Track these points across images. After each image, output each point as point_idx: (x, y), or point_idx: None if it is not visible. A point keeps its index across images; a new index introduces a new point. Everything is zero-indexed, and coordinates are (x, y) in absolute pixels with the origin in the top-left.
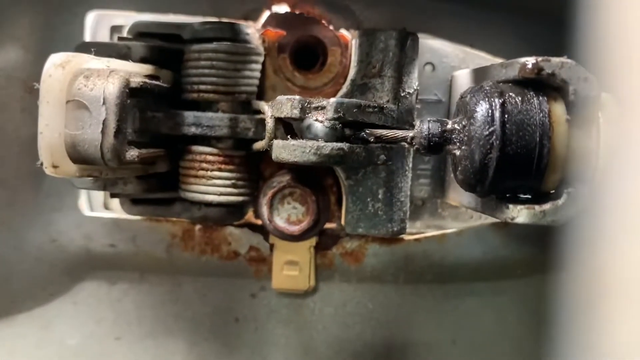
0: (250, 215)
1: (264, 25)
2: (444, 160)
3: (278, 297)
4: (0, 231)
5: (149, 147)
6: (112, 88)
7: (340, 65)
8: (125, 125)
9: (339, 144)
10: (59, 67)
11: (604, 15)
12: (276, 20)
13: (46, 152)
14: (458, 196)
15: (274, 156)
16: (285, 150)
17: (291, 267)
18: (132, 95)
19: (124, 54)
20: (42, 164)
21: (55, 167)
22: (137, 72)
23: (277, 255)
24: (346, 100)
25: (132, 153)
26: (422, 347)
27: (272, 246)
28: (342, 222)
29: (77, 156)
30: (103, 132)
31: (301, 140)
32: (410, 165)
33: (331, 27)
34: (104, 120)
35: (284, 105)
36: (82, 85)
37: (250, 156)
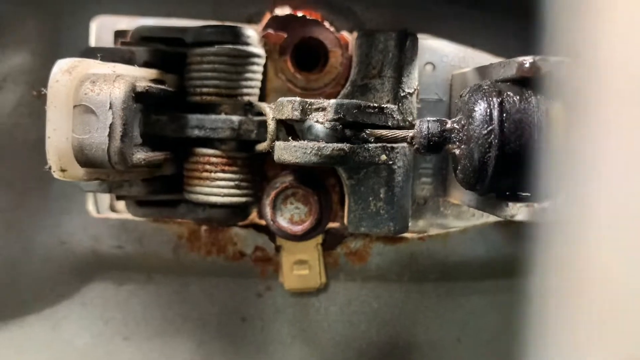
0: (254, 216)
1: (265, 28)
2: (446, 159)
3: (284, 297)
4: (9, 234)
5: (155, 150)
6: (118, 93)
7: (341, 67)
8: (131, 129)
9: (340, 145)
10: (65, 72)
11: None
12: (277, 22)
13: (54, 156)
14: (459, 194)
15: (275, 157)
16: (287, 151)
17: (301, 266)
18: (137, 99)
19: (127, 59)
20: (50, 168)
21: (63, 170)
22: (142, 76)
23: (286, 256)
24: (346, 101)
25: (139, 156)
26: (426, 345)
27: (279, 247)
28: (345, 221)
29: (85, 160)
30: (110, 136)
31: (302, 142)
32: (412, 164)
33: (332, 29)
34: (111, 125)
35: (285, 107)
36: (89, 90)
37: (254, 158)
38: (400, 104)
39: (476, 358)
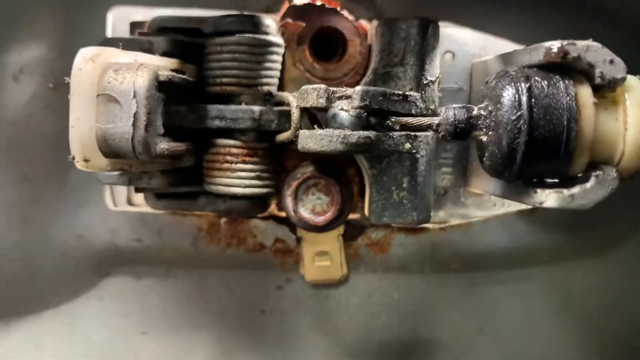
0: (273, 208)
1: (283, 17)
2: (466, 148)
3: (304, 289)
4: (26, 227)
5: (176, 141)
6: (142, 81)
7: (360, 56)
8: (155, 118)
9: (366, 132)
10: (89, 60)
11: None
12: (295, 11)
13: (77, 146)
14: (482, 184)
15: (300, 146)
16: (312, 139)
17: (322, 257)
18: (160, 89)
19: (146, 49)
20: (73, 158)
21: (86, 160)
22: (164, 65)
23: (307, 247)
24: (372, 88)
25: (162, 146)
26: (448, 336)
27: (300, 239)
28: (366, 212)
29: (108, 150)
30: (134, 125)
31: (328, 130)
32: (434, 153)
33: (350, 18)
34: (135, 114)
35: (310, 94)
36: (112, 79)
37: (273, 148)
38: (422, 92)
39: (498, 348)
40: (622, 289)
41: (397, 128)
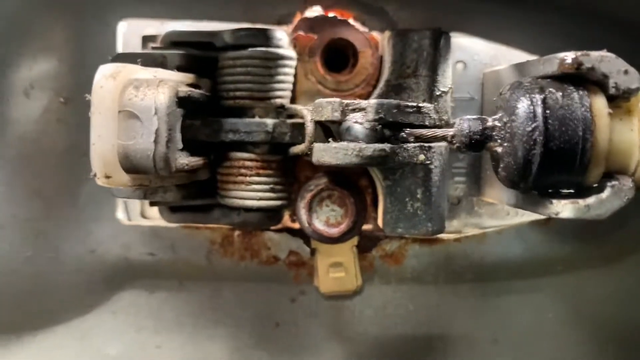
0: (286, 219)
1: (295, 29)
2: (479, 157)
3: (318, 301)
4: (38, 242)
5: (193, 155)
6: (162, 98)
7: (371, 67)
8: (175, 134)
9: (381, 145)
10: (109, 78)
11: None
12: (307, 24)
13: (99, 163)
14: (497, 193)
15: (315, 159)
16: (327, 153)
17: (336, 269)
18: (179, 104)
19: (160, 63)
20: (95, 175)
21: (108, 177)
22: (181, 81)
23: (321, 259)
24: (386, 101)
25: (182, 161)
26: (463, 346)
27: (314, 250)
28: (380, 223)
29: (130, 166)
30: (155, 141)
31: (343, 143)
32: (447, 163)
33: (362, 29)
34: (156, 130)
35: (325, 108)
36: (133, 96)
37: (286, 160)
38: (436, 103)
39: (513, 358)
40: (635, 299)
41: (412, 140)
